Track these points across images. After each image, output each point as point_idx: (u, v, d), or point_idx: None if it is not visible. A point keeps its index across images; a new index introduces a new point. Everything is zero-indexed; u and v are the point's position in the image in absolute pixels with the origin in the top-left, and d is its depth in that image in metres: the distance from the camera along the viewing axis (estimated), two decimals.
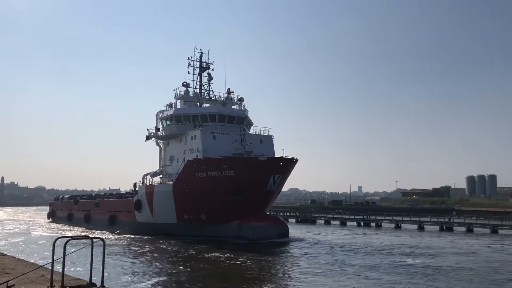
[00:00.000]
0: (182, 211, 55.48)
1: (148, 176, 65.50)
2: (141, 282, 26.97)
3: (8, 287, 11.80)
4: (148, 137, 67.25)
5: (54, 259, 12.60)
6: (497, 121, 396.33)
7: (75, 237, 14.97)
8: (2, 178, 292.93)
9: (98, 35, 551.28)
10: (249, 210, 51.53)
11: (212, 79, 67.55)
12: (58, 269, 13.28)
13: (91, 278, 12.93)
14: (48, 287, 11.85)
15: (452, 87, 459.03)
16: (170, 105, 65.24)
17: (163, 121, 64.13)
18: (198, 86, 67.38)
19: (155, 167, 66.52)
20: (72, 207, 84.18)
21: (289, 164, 54.26)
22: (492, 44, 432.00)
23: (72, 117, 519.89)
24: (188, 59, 67.24)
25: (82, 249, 17.37)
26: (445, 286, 26.19)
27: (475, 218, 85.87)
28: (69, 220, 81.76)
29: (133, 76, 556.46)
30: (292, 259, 37.98)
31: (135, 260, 36.68)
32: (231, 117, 60.09)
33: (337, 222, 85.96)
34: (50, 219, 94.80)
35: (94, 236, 14.46)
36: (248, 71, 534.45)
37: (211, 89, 67.06)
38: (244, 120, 61.78)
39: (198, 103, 63.88)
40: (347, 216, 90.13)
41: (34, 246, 46.04)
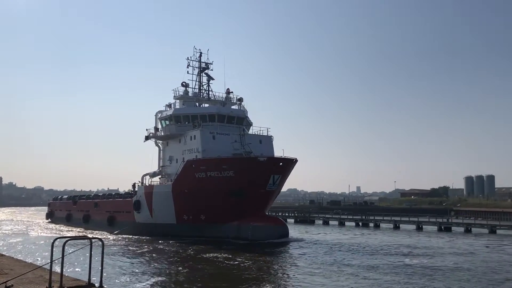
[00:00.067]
0: (182, 212, 55.40)
1: (147, 177, 65.49)
2: (140, 282, 27.01)
3: (7, 287, 11.83)
4: (147, 137, 67.13)
5: (53, 260, 12.64)
6: (496, 122, 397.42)
7: (74, 238, 15.02)
8: (0, 179, 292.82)
9: (98, 36, 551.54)
10: (249, 211, 51.46)
11: (214, 79, 67.78)
12: (57, 270, 13.32)
13: (90, 279, 12.97)
14: None
15: (451, 88, 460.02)
16: (169, 105, 65.12)
17: (162, 121, 64.01)
18: (197, 86, 67.34)
19: (154, 168, 66.53)
20: (71, 208, 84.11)
21: (289, 164, 54.23)
22: (493, 44, 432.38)
23: (71, 118, 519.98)
24: (187, 59, 67.25)
25: (81, 250, 17.42)
26: (443, 286, 26.27)
27: (473, 219, 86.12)
28: (68, 221, 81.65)
29: (132, 76, 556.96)
30: (291, 259, 38.02)
31: (134, 260, 36.70)
32: (231, 117, 60.04)
33: (336, 222, 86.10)
34: (49, 220, 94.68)
35: (93, 237, 14.51)
36: (248, 71, 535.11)
37: (211, 89, 67.16)
38: (244, 120, 61.72)
39: (198, 103, 63.73)
40: (346, 217, 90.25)
41: (33, 247, 45.98)
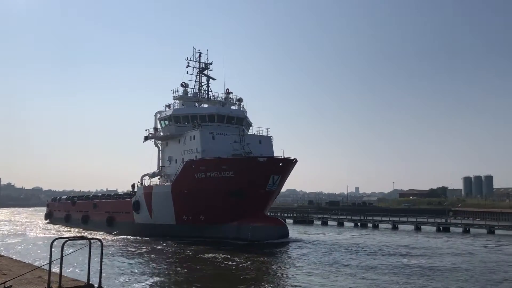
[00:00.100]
0: (181, 212, 55.32)
1: (147, 177, 65.42)
2: (139, 283, 27.04)
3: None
4: (147, 138, 66.98)
5: (52, 260, 12.66)
6: (495, 122, 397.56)
7: (73, 238, 15.04)
8: None
9: (98, 36, 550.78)
10: (249, 211, 51.39)
11: (215, 79, 67.72)
12: (56, 270, 13.35)
13: (89, 279, 13.00)
14: None
15: (450, 88, 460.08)
16: (169, 106, 65.04)
17: (162, 122, 63.92)
18: (197, 87, 67.20)
19: (154, 168, 66.45)
20: (70, 208, 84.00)
21: (289, 165, 54.17)
22: (493, 44, 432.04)
23: (70, 118, 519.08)
24: (187, 59, 67.10)
25: (80, 250, 17.43)
26: (441, 287, 26.33)
27: (472, 219, 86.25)
28: (67, 221, 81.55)
29: (132, 76, 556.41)
30: (289, 260, 38.07)
31: (133, 261, 36.70)
32: (230, 118, 59.96)
33: (335, 223, 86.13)
34: (48, 220, 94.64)
35: (92, 237, 14.53)
36: (247, 72, 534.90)
37: (210, 90, 67.06)
38: (243, 121, 61.68)
39: (197, 104, 63.63)
40: (344, 217, 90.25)
41: (31, 247, 45.96)
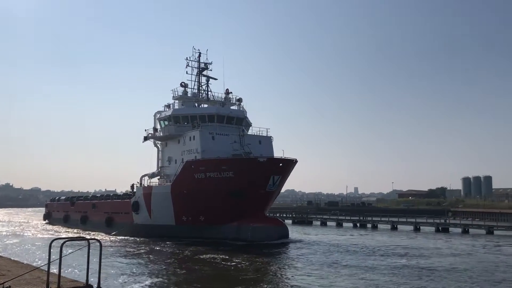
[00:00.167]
0: (181, 213, 55.16)
1: (146, 177, 65.27)
2: (138, 283, 27.00)
3: None
4: (146, 138, 66.81)
5: (51, 261, 12.63)
6: (494, 122, 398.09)
7: (72, 239, 15.01)
8: None
9: (98, 36, 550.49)
10: (249, 211, 51.27)
11: (217, 79, 67.65)
12: (55, 271, 13.32)
13: (88, 280, 12.98)
14: None
15: (450, 88, 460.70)
16: (168, 106, 64.89)
17: (161, 122, 63.77)
18: (197, 87, 67.11)
19: (153, 168, 66.30)
20: (69, 209, 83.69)
21: (289, 165, 54.03)
22: (493, 44, 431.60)
23: (68, 118, 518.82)
24: (186, 59, 67.00)
25: (79, 251, 17.39)
26: (440, 287, 26.35)
27: (471, 219, 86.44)
28: (66, 222, 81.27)
29: (131, 76, 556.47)
30: (288, 260, 38.05)
31: (132, 262, 36.65)
32: (230, 118, 59.85)
33: (334, 223, 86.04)
34: (46, 221, 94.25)
35: (91, 238, 14.50)
36: (247, 71, 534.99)
37: (210, 90, 67.01)
38: (243, 121, 61.58)
39: (197, 104, 63.53)
40: (344, 217, 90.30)
41: (30, 248, 45.87)
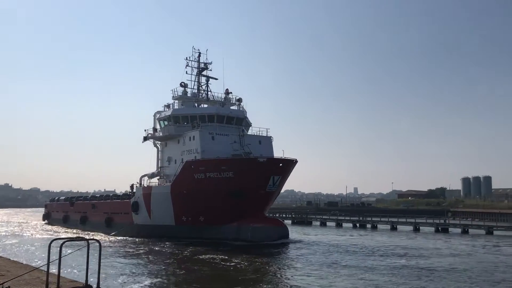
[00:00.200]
0: (180, 213, 55.11)
1: (146, 178, 65.21)
2: (137, 283, 27.00)
3: None
4: (146, 138, 66.72)
5: (50, 261, 12.61)
6: (494, 123, 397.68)
7: (71, 239, 14.97)
8: None
9: (96, 36, 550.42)
10: (249, 212, 51.21)
11: (217, 79, 67.62)
12: (54, 271, 13.31)
13: (87, 280, 12.96)
14: None
15: (450, 89, 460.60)
16: (168, 106, 64.86)
17: (161, 122, 63.70)
18: (196, 87, 67.05)
19: (153, 168, 66.25)
20: (68, 209, 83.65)
21: (289, 165, 53.96)
22: (494, 44, 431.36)
23: (67, 118, 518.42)
24: (186, 59, 66.92)
25: (78, 251, 17.37)
26: (439, 287, 26.36)
27: (471, 220, 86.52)
28: (65, 222, 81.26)
29: (131, 76, 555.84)
30: (288, 261, 38.06)
31: (131, 262, 36.65)
32: (230, 118, 59.81)
33: (333, 224, 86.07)
34: (46, 221, 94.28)
35: (90, 238, 14.48)
36: (247, 71, 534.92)
37: (209, 90, 66.98)
38: (243, 121, 61.54)
39: (196, 104, 63.49)
40: (343, 218, 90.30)
41: (30, 248, 45.84)
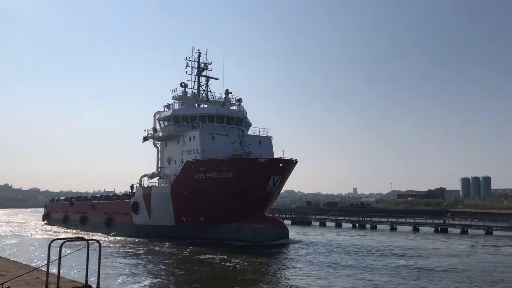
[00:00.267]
0: (180, 213, 55.09)
1: (146, 178, 65.14)
2: (137, 283, 27.05)
3: None
4: (146, 138, 66.68)
5: (50, 261, 12.64)
6: (493, 123, 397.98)
7: (71, 239, 14.97)
8: None
9: (96, 36, 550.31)
10: (249, 212, 51.19)
11: (218, 79, 67.61)
12: (54, 271, 13.33)
13: (87, 280, 12.99)
14: None
15: (450, 89, 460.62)
16: (168, 106, 64.84)
17: (161, 122, 63.68)
18: (196, 87, 67.05)
19: (153, 169, 66.22)
20: (68, 209, 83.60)
21: (289, 165, 53.96)
22: (494, 44, 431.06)
23: (67, 118, 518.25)
24: (186, 60, 66.94)
25: (78, 251, 17.39)
26: (439, 287, 26.40)
27: (470, 220, 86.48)
28: (65, 222, 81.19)
29: (130, 76, 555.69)
30: (287, 261, 38.11)
31: (131, 262, 36.69)
32: (230, 118, 59.83)
33: (333, 224, 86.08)
34: (45, 221, 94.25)
35: (90, 238, 14.50)
36: (247, 71, 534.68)
37: (209, 90, 66.99)
38: (243, 121, 61.57)
39: (196, 104, 63.50)
40: (342, 218, 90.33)
41: (29, 248, 45.85)
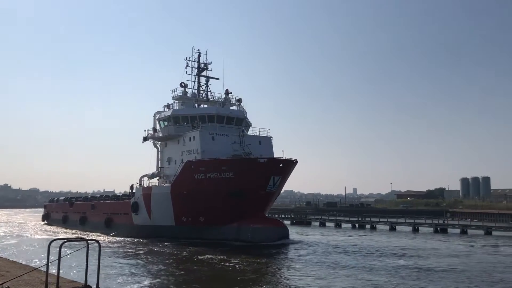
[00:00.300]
0: (180, 213, 55.08)
1: (146, 178, 65.15)
2: (137, 284, 27.07)
3: None
4: (146, 138, 66.71)
5: (50, 261, 12.65)
6: (493, 123, 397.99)
7: (71, 239, 14.96)
8: None
9: (96, 36, 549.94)
10: (249, 212, 51.20)
11: (218, 79, 67.62)
12: (53, 272, 13.34)
13: (87, 280, 13.00)
14: None
15: (450, 89, 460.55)
16: (168, 106, 64.85)
17: (161, 122, 63.69)
18: (196, 87, 67.08)
19: (153, 169, 66.25)
20: (68, 209, 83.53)
21: (289, 166, 53.96)
22: (494, 43, 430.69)
23: (67, 118, 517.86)
24: (186, 60, 66.98)
25: (78, 252, 17.40)
26: (438, 287, 26.47)
27: (469, 220, 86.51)
28: (64, 222, 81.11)
29: (130, 76, 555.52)
30: (286, 261, 38.13)
31: (131, 262, 36.69)
32: (230, 118, 59.84)
33: (332, 224, 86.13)
34: (45, 222, 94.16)
35: (90, 238, 14.50)
36: (247, 71, 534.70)
37: (209, 90, 67.02)
38: (243, 121, 61.58)
39: (196, 104, 63.50)
40: (342, 218, 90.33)
41: (29, 248, 45.86)
